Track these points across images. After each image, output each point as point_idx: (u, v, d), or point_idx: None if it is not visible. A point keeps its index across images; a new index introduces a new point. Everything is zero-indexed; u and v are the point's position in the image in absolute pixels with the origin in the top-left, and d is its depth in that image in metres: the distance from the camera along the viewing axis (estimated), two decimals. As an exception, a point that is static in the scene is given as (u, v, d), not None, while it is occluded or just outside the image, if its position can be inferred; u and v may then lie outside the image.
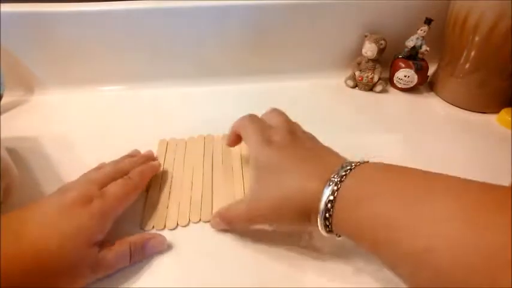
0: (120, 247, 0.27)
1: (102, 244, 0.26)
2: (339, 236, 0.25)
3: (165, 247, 0.29)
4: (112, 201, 0.27)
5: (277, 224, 0.28)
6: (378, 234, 0.21)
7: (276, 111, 0.34)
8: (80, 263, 0.24)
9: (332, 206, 0.23)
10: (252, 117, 0.33)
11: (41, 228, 0.24)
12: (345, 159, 0.27)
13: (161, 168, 0.36)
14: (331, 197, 0.23)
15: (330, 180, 0.24)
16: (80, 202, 0.26)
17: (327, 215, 0.23)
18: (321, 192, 0.24)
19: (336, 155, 0.29)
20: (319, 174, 0.25)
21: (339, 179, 0.23)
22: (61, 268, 0.24)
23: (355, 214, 0.23)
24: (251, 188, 0.30)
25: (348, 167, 0.24)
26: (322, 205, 0.23)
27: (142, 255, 0.28)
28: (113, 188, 0.28)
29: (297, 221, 0.26)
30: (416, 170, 0.23)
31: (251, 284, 0.27)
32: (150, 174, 0.34)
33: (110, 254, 0.26)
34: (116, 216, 0.28)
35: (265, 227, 0.30)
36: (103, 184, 0.28)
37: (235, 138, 0.34)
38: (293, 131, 0.31)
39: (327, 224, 0.24)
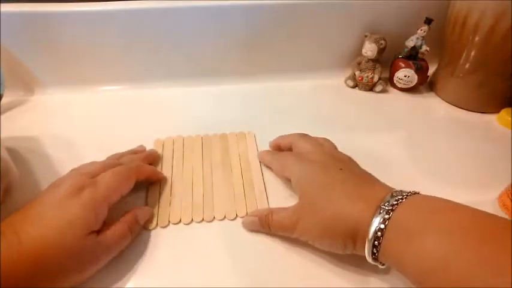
0: (118, 227, 0.28)
1: (101, 229, 0.27)
2: (383, 265, 0.25)
3: (152, 212, 0.32)
4: (103, 189, 0.27)
5: (318, 242, 0.27)
6: (426, 270, 0.21)
7: (303, 138, 0.35)
8: (82, 253, 0.25)
9: (382, 235, 0.23)
10: (282, 153, 0.35)
11: (36, 227, 0.24)
12: (392, 187, 0.27)
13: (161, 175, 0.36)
14: (382, 226, 0.23)
15: (381, 208, 0.24)
16: (70, 194, 0.26)
17: (376, 243, 0.23)
18: (371, 219, 0.24)
19: (380, 182, 0.28)
20: (369, 199, 0.25)
21: (390, 208, 0.23)
22: (63, 263, 0.24)
23: (404, 247, 0.22)
24: (298, 202, 0.29)
25: (399, 197, 0.24)
26: (371, 233, 0.23)
27: (139, 227, 0.30)
28: (105, 177, 0.28)
29: (341, 243, 0.26)
30: (467, 207, 0.23)
31: (251, 284, 0.27)
32: (148, 173, 0.33)
33: (110, 235, 0.27)
34: (110, 204, 0.28)
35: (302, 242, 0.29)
36: (95, 175, 0.28)
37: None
38: (331, 153, 0.32)
39: (374, 251, 0.24)
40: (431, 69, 0.52)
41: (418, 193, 0.25)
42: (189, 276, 0.28)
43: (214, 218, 0.32)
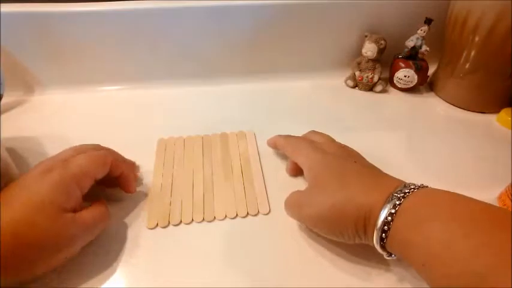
0: (96, 207, 0.28)
1: (78, 209, 0.27)
2: (390, 255, 0.25)
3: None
4: (73, 169, 0.27)
5: (328, 228, 0.27)
6: (431, 253, 0.21)
7: (318, 133, 0.35)
8: (58, 232, 0.25)
9: (391, 220, 0.23)
10: (297, 137, 0.35)
11: (7, 211, 0.24)
12: (404, 181, 0.27)
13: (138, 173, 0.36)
14: (393, 211, 0.23)
15: (393, 196, 0.24)
16: (39, 175, 0.26)
17: (386, 228, 0.23)
18: (381, 206, 0.24)
19: (392, 176, 0.28)
20: (382, 188, 0.25)
21: (401, 195, 0.24)
22: (40, 243, 0.24)
23: (412, 233, 0.23)
24: (310, 185, 0.29)
25: (412, 187, 0.25)
26: (381, 218, 0.24)
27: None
28: (77, 158, 0.28)
29: (352, 229, 0.25)
30: (477, 200, 0.23)
31: (252, 284, 0.27)
32: (125, 167, 0.32)
33: (87, 213, 0.27)
34: (81, 186, 0.27)
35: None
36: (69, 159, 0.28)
37: (293, 166, 0.36)
38: (344, 147, 0.32)
39: (383, 237, 0.24)
40: (431, 69, 0.52)
41: (429, 187, 0.25)
42: (189, 276, 0.28)
43: (214, 217, 0.32)
